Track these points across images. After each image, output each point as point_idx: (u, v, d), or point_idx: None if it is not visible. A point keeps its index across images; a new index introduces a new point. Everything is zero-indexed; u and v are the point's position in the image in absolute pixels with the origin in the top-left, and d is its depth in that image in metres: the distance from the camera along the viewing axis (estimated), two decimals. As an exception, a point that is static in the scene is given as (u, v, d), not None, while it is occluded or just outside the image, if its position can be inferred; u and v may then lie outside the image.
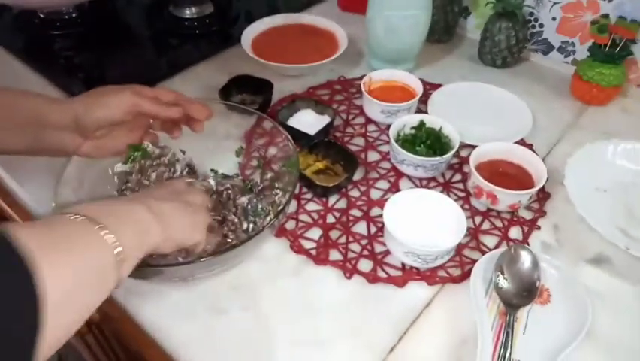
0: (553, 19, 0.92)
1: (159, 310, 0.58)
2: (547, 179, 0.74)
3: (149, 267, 0.53)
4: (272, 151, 0.71)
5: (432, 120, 0.76)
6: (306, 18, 1.01)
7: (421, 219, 0.65)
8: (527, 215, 0.70)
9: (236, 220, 0.63)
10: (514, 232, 0.68)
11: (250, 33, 0.94)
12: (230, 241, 0.61)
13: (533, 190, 0.66)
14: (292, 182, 0.61)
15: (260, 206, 0.63)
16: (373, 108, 0.81)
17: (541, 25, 0.94)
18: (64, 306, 0.35)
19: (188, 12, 1.05)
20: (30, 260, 0.32)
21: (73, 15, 1.02)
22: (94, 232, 0.39)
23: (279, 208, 0.59)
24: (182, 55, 0.98)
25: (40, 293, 0.32)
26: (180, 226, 0.50)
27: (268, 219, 0.62)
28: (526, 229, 0.68)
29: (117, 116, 0.58)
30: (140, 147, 0.64)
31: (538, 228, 0.68)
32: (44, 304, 0.32)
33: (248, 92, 0.85)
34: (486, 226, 0.68)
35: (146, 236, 0.45)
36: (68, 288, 0.35)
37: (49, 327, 0.33)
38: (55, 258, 0.35)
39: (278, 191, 0.64)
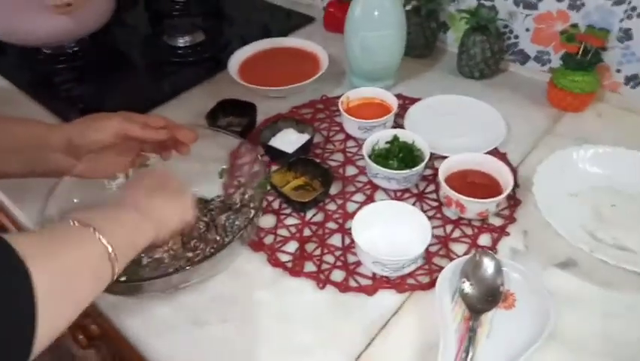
0: (527, 30, 0.94)
1: (143, 323, 0.63)
2: (519, 186, 0.77)
3: (126, 282, 0.58)
4: (252, 171, 0.75)
5: (405, 134, 0.79)
6: (291, 42, 1.06)
7: (389, 230, 0.68)
8: (498, 222, 0.72)
9: (217, 238, 0.68)
10: (484, 239, 0.70)
11: (237, 58, 1.00)
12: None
13: (499, 198, 0.69)
14: (260, 199, 0.65)
15: (236, 223, 0.67)
16: (351, 125, 0.85)
17: (516, 37, 0.97)
18: (56, 296, 0.40)
19: (182, 41, 1.11)
20: (24, 259, 0.38)
21: (75, 49, 1.09)
22: (86, 233, 0.45)
23: (250, 222, 0.63)
24: (176, 82, 1.03)
25: (33, 285, 0.38)
26: (171, 216, 0.57)
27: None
28: (495, 235, 0.70)
29: (108, 140, 0.63)
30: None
31: (508, 234, 0.71)
32: (37, 295, 0.37)
33: (234, 114, 0.90)
34: (457, 233, 0.71)
35: (137, 234, 0.52)
36: (59, 280, 0.41)
37: (46, 315, 0.38)
38: (46, 255, 0.41)
39: (252, 210, 0.68)
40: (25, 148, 0.63)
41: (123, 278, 0.59)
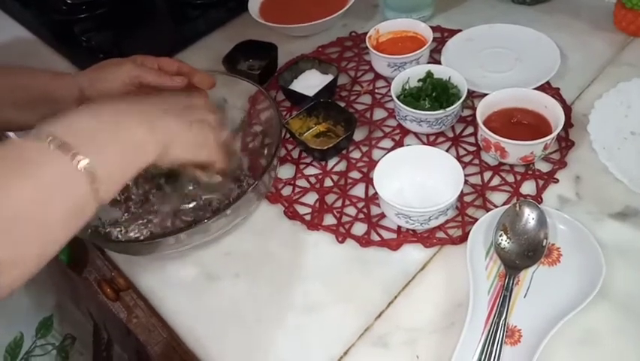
0: (591, -60, 0.80)
1: (156, 277, 0.60)
2: (573, 125, 0.67)
3: (141, 242, 0.55)
4: (268, 118, 0.69)
5: (439, 70, 0.70)
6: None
7: (417, 179, 0.61)
8: (545, 167, 0.63)
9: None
10: (528, 187, 0.62)
11: (257, -4, 0.92)
12: None
13: (545, 139, 0.59)
14: (275, 147, 0.60)
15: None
16: (379, 62, 0.76)
17: (577, -50, 0.82)
18: (22, 223, 0.35)
19: (204, -20, 1.04)
20: None
21: (97, -4, 1.05)
22: (65, 161, 0.38)
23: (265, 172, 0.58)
24: (198, 25, 0.98)
25: None
26: (183, 143, 0.48)
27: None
28: (541, 182, 0.62)
29: (120, 89, 0.60)
30: None
31: (556, 181, 0.62)
32: None
33: (254, 57, 0.84)
34: (496, 181, 0.63)
35: (136, 154, 0.44)
36: (26, 207, 0.36)
37: (11, 243, 0.34)
38: (14, 183, 0.36)
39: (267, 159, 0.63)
40: (35, 102, 0.60)
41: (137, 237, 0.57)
